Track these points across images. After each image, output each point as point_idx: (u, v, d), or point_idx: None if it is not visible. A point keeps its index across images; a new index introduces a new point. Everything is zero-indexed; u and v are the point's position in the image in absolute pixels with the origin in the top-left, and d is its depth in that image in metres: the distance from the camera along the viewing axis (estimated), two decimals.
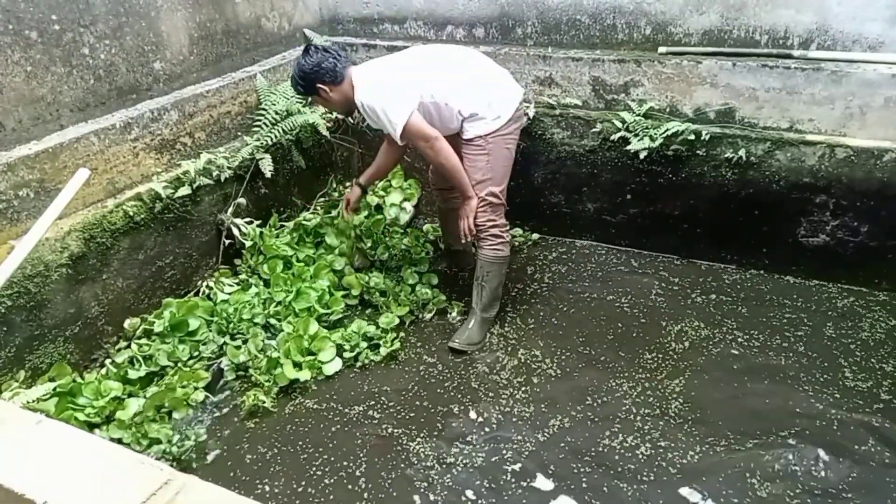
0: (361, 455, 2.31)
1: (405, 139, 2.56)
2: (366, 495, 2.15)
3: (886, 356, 2.61)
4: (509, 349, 2.80)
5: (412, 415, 2.48)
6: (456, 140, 2.67)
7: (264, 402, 2.49)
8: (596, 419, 2.41)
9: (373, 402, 2.54)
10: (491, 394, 2.57)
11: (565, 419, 2.41)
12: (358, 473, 2.24)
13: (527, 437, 2.35)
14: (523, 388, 2.58)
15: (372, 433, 2.40)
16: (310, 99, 3.14)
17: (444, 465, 2.25)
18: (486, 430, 2.40)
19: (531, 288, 3.21)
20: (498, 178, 2.66)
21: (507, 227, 2.79)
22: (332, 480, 2.22)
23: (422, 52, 2.72)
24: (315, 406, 2.54)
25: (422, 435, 2.38)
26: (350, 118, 3.31)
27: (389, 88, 2.51)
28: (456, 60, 2.66)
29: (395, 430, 2.41)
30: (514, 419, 2.43)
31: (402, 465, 2.26)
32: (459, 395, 2.57)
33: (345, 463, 2.28)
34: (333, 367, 2.68)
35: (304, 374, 2.61)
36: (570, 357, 2.73)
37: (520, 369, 2.68)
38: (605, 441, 2.32)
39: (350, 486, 2.19)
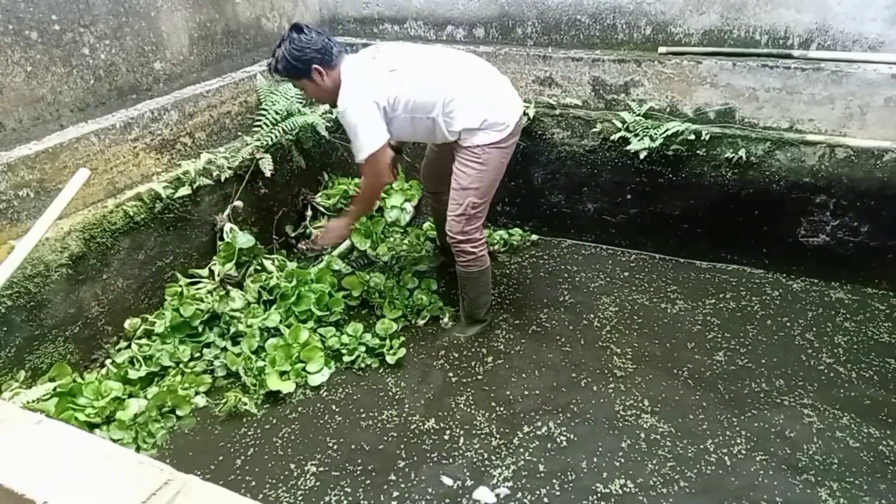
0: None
1: (363, 170, 2.49)
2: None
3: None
4: (501, 356, 2.79)
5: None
6: (451, 145, 2.58)
7: (246, 405, 2.48)
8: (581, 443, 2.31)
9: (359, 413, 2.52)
10: (479, 401, 2.53)
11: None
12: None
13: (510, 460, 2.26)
14: (512, 406, 2.50)
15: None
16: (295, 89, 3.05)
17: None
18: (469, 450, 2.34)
19: (529, 290, 3.20)
20: (483, 190, 2.52)
21: (483, 241, 2.66)
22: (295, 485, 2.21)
23: (421, 59, 2.50)
24: (298, 411, 2.53)
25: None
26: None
27: (371, 108, 2.36)
28: (457, 72, 2.47)
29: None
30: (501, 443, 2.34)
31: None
32: (442, 412, 2.51)
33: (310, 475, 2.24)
34: (320, 378, 2.65)
35: (288, 386, 2.58)
36: (565, 366, 2.70)
37: (511, 381, 2.64)
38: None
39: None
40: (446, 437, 2.37)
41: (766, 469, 2.16)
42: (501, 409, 2.49)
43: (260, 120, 3.21)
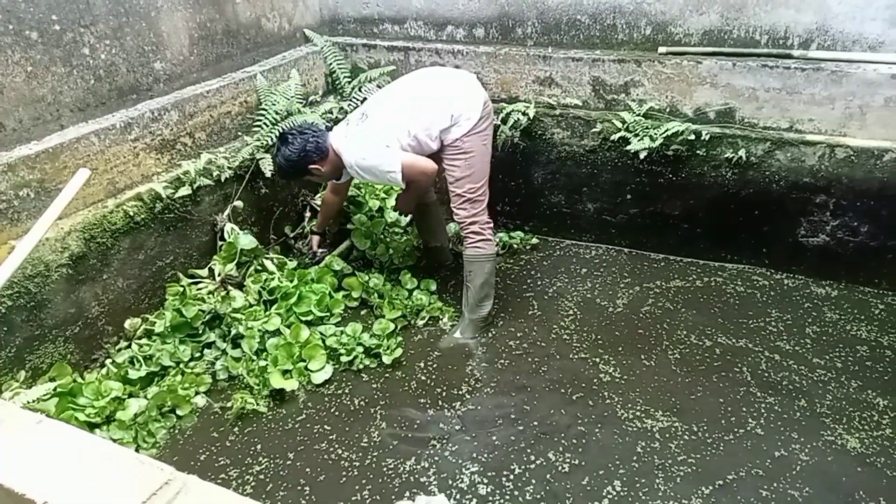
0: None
1: (406, 181, 2.65)
2: None
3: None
4: (501, 359, 2.78)
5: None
6: (435, 155, 2.72)
7: (254, 405, 2.48)
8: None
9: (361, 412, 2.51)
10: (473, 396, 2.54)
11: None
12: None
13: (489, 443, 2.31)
14: (509, 406, 2.49)
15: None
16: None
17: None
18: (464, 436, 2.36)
19: (529, 292, 3.20)
20: (476, 175, 2.69)
21: (490, 224, 2.79)
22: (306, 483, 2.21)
23: (384, 98, 2.76)
24: (304, 410, 2.52)
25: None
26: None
27: (373, 145, 2.61)
28: (413, 90, 2.71)
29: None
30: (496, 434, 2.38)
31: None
32: (444, 403, 2.53)
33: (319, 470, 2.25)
34: (323, 375, 2.66)
35: (292, 384, 2.59)
36: (564, 368, 2.69)
37: (509, 379, 2.63)
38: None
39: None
40: (423, 481, 2.20)
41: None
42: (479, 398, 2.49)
43: (260, 120, 3.21)
